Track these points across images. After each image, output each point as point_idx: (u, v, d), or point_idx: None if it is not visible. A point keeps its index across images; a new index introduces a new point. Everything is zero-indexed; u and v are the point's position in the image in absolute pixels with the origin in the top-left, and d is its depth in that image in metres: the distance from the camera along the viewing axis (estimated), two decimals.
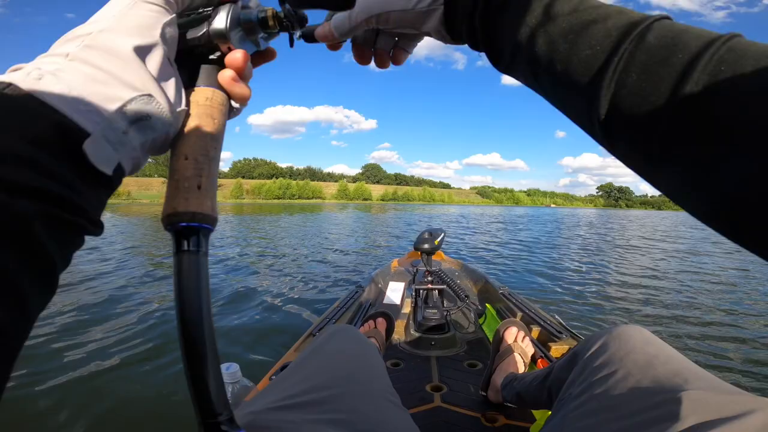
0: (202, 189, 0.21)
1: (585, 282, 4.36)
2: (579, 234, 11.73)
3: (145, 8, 0.22)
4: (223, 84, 0.26)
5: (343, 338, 0.60)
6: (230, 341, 2.25)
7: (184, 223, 0.20)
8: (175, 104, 0.22)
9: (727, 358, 2.14)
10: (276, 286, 3.70)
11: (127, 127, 0.19)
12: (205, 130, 0.23)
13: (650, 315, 3.03)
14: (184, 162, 0.22)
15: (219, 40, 0.25)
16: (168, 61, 0.23)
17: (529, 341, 1.06)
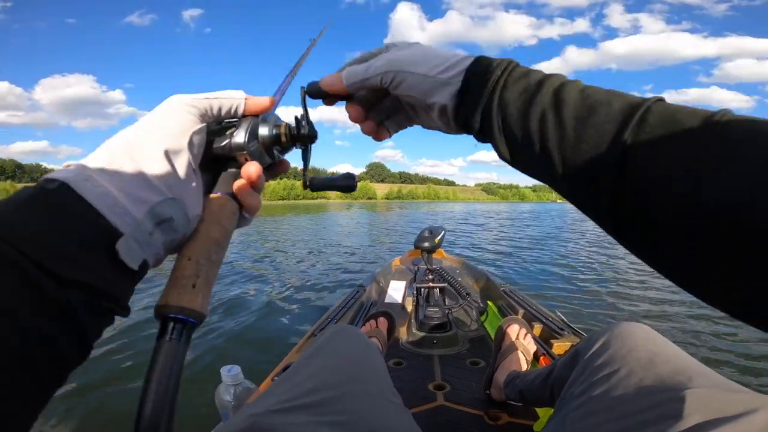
0: (196, 288, 0.23)
1: (589, 277, 4.35)
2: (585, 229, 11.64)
3: (180, 117, 0.25)
4: (236, 192, 0.27)
5: (344, 339, 0.60)
6: (233, 342, 2.26)
7: (172, 314, 0.22)
8: (193, 209, 0.24)
9: (733, 353, 2.11)
10: (279, 287, 3.72)
11: (153, 228, 0.21)
12: (212, 235, 0.25)
13: (654, 310, 3.01)
14: (186, 262, 0.24)
15: (238, 152, 0.28)
16: (192, 167, 0.25)
17: (531, 338, 1.06)
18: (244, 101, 0.28)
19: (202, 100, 0.26)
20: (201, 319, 0.23)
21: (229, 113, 0.28)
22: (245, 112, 0.29)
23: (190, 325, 0.22)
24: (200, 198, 0.25)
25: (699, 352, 2.14)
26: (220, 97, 0.27)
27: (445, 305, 1.46)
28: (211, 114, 0.27)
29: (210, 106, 0.27)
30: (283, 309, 2.97)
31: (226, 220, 0.26)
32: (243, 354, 2.09)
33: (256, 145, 0.29)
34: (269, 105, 0.30)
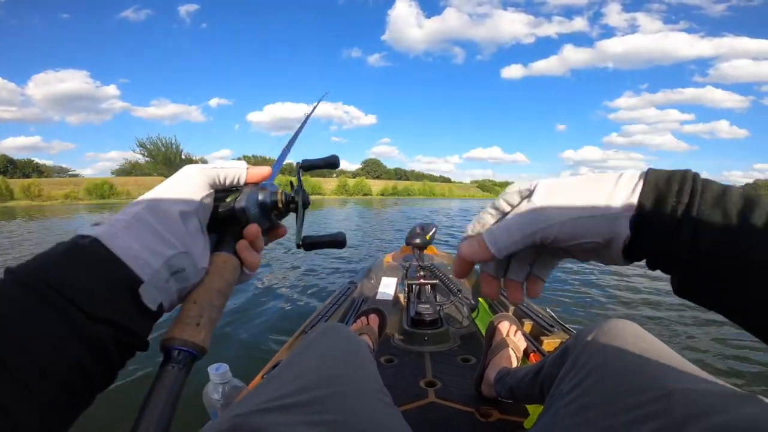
0: (200, 326, 0.27)
1: (580, 274, 4.37)
2: None
3: (192, 183, 0.30)
4: (238, 251, 0.32)
5: (333, 337, 0.60)
6: (221, 341, 2.26)
7: (176, 346, 0.25)
8: (201, 262, 0.28)
9: (722, 355, 2.14)
10: (269, 284, 3.71)
11: (168, 277, 0.25)
12: (215, 285, 0.29)
13: (644, 309, 3.03)
14: (192, 305, 0.27)
15: (240, 215, 0.32)
16: (200, 226, 0.29)
17: (521, 335, 1.06)
18: (245, 171, 0.33)
19: (211, 169, 0.31)
20: (202, 352, 0.26)
21: (233, 182, 0.32)
22: (247, 180, 0.33)
23: (192, 356, 0.25)
24: (207, 253, 0.30)
25: (686, 352, 2.16)
26: (226, 167, 0.32)
27: (436, 302, 1.46)
28: (219, 182, 0.31)
29: (217, 175, 0.31)
30: (274, 306, 2.96)
31: (228, 274, 0.30)
32: (232, 352, 2.08)
33: (256, 209, 0.33)
34: (268, 175, 0.34)
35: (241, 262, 0.32)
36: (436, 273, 1.59)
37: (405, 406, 0.93)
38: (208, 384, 0.89)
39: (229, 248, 0.32)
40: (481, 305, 1.58)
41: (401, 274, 1.77)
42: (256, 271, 0.34)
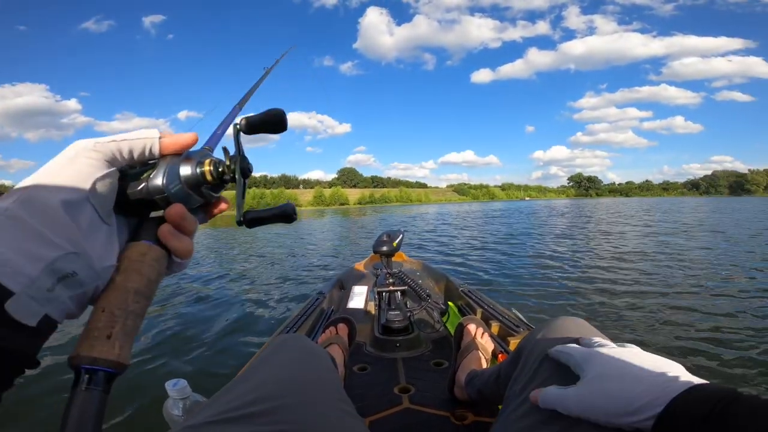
0: (111, 338, 0.23)
1: (547, 271, 4.50)
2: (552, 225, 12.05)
3: (80, 164, 0.24)
4: (161, 238, 0.26)
5: (290, 348, 0.59)
6: (184, 354, 2.20)
7: (84, 365, 0.22)
8: (102, 260, 0.24)
9: (685, 351, 2.17)
10: (238, 298, 3.64)
11: (53, 284, 0.21)
12: (129, 285, 0.24)
13: (609, 303, 3.11)
14: (99, 314, 0.23)
15: (157, 195, 0.26)
16: (98, 216, 0.24)
17: (488, 337, 1.08)
18: (158, 140, 0.27)
19: (107, 143, 0.25)
20: (119, 368, 0.23)
21: (143, 155, 0.27)
22: (162, 151, 0.27)
23: (108, 374, 0.22)
24: (113, 248, 0.25)
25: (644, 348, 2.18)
26: (128, 139, 0.26)
27: (406, 308, 1.47)
28: (122, 157, 0.26)
29: (118, 149, 0.25)
30: (243, 321, 2.90)
31: (147, 269, 0.25)
32: (198, 368, 2.02)
33: (178, 186, 0.27)
34: (191, 141, 0.28)
35: (168, 250, 0.27)
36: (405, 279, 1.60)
37: (380, 414, 0.93)
38: (168, 400, 0.86)
39: (149, 236, 0.26)
40: (450, 309, 1.60)
41: (371, 282, 1.77)
42: (190, 258, 0.29)
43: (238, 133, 0.32)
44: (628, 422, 0.35)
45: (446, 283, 1.87)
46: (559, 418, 0.42)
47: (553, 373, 0.49)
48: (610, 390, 0.37)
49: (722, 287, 3.51)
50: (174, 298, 3.82)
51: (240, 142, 0.32)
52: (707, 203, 33.85)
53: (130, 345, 0.24)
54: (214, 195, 0.31)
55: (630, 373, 0.38)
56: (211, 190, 0.30)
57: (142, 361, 2.14)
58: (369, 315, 1.56)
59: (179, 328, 2.77)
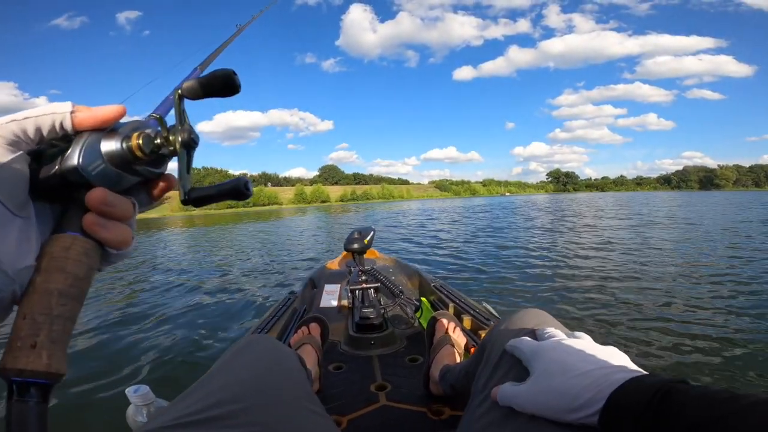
0: (36, 348, 0.21)
1: (518, 264, 4.60)
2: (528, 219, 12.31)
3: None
4: (86, 229, 0.23)
5: (255, 349, 0.58)
6: (147, 359, 2.14)
7: (13, 378, 0.20)
8: (16, 260, 0.20)
9: (642, 342, 2.22)
10: (207, 300, 3.56)
11: None
12: (51, 286, 0.22)
13: (578, 296, 3.18)
14: (21, 321, 0.21)
15: (75, 178, 0.22)
16: (6, 211, 0.20)
17: (460, 331, 1.09)
18: (69, 115, 0.23)
19: (5, 124, 0.21)
20: (50, 378, 0.21)
21: (54, 133, 0.23)
22: (77, 127, 0.23)
23: (39, 385, 0.20)
24: (30, 244, 0.22)
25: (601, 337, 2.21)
26: (32, 116, 0.22)
27: (380, 305, 1.47)
28: (28, 138, 0.22)
29: (22, 129, 0.21)
30: (213, 322, 2.84)
31: (72, 264, 0.22)
32: (163, 373, 1.98)
33: (100, 164, 0.23)
34: (114, 114, 0.24)
35: (98, 241, 0.24)
36: (377, 276, 1.60)
37: (357, 412, 0.93)
38: (130, 407, 0.84)
39: (73, 226, 0.23)
40: (424, 305, 1.61)
41: (344, 280, 1.77)
42: (128, 247, 0.25)
43: (180, 99, 0.27)
44: (575, 418, 0.35)
45: (419, 278, 1.89)
46: (520, 413, 0.42)
47: (512, 368, 0.49)
48: (555, 386, 0.38)
49: (685, 276, 3.67)
50: (137, 297, 3.74)
51: (183, 109, 0.27)
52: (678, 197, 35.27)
53: (62, 352, 0.22)
54: (155, 171, 0.26)
55: (573, 368, 0.38)
56: (150, 166, 0.26)
57: (100, 368, 2.07)
58: (342, 313, 1.55)
59: (142, 332, 2.70)
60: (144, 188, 0.27)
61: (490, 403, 0.48)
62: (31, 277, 0.22)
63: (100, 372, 2.00)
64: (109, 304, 3.58)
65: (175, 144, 0.25)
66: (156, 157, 0.25)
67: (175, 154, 0.26)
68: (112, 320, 2.96)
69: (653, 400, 0.30)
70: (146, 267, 6.02)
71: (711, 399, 0.28)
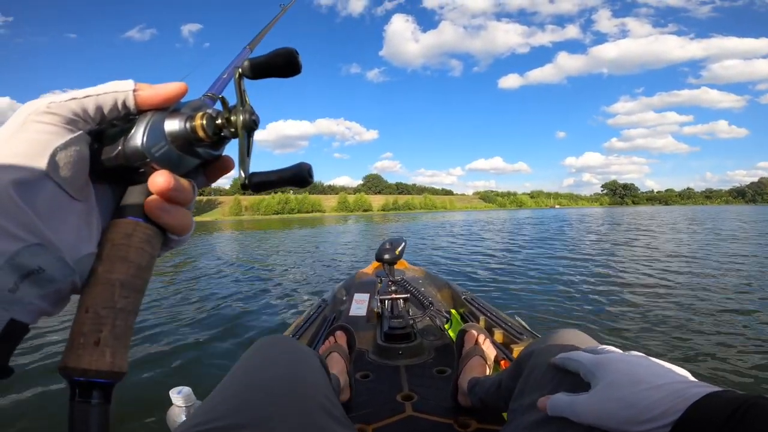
0: (100, 345, 0.20)
1: (551, 282, 4.39)
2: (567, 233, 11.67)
3: (33, 131, 0.19)
4: (149, 214, 0.22)
5: (274, 351, 0.58)
6: (186, 361, 2.21)
7: (75, 377, 0.19)
8: (78, 249, 0.20)
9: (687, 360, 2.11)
10: (248, 302, 3.67)
11: (15, 283, 0.17)
12: (114, 276, 0.21)
13: (612, 316, 3.00)
14: (83, 315, 0.20)
15: (138, 160, 0.21)
16: (65, 196, 0.19)
17: (490, 343, 1.07)
18: (132, 93, 0.22)
19: (66, 102, 0.20)
20: (114, 377, 0.20)
21: (116, 111, 0.22)
22: (140, 106, 0.22)
23: (102, 386, 0.19)
24: (89, 231, 0.21)
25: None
26: (93, 94, 0.21)
27: (409, 315, 1.48)
28: (88, 116, 0.21)
29: (82, 108, 0.20)
30: (250, 325, 2.93)
31: (134, 253, 0.21)
32: (201, 374, 2.04)
33: (164, 146, 0.22)
34: (177, 92, 0.23)
35: (160, 227, 0.23)
36: (407, 287, 1.61)
37: (383, 422, 0.93)
38: (172, 408, 0.86)
39: (135, 211, 0.22)
40: (453, 317, 1.59)
41: (374, 290, 1.79)
42: (188, 234, 0.24)
43: (240, 78, 0.26)
44: (644, 429, 0.34)
45: (448, 290, 1.86)
46: (569, 427, 0.42)
47: (561, 383, 0.48)
48: (626, 397, 0.37)
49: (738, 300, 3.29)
50: (182, 296, 3.91)
51: (243, 89, 0.26)
52: (755, 212, 31.65)
53: (124, 350, 0.21)
54: (214, 153, 0.25)
55: (644, 381, 0.37)
56: (210, 148, 0.25)
57: (141, 367, 2.12)
58: (371, 323, 1.57)
59: (182, 331, 2.78)
60: (201, 171, 0.26)
61: (534, 419, 0.47)
62: (92, 266, 0.21)
63: (141, 369, 2.10)
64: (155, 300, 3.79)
65: (236, 125, 0.24)
66: (216, 139, 0.24)
67: (236, 136, 0.24)
68: (158, 317, 3.12)
69: (735, 415, 0.29)
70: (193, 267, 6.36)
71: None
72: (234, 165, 0.26)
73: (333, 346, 1.11)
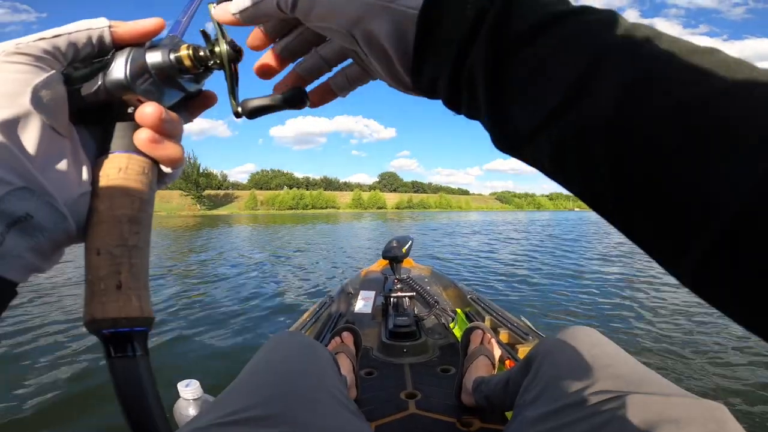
0: (123, 288, 0.18)
1: (558, 279, 4.40)
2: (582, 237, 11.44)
3: (7, 71, 0.17)
4: (141, 148, 0.21)
5: (288, 346, 0.59)
6: (195, 356, 2.23)
7: (107, 330, 0.18)
8: (70, 189, 0.18)
9: (691, 362, 2.09)
10: (256, 297, 3.71)
11: (1, 233, 0.16)
12: (118, 212, 0.19)
13: (619, 314, 3.01)
14: (96, 258, 0.19)
15: (123, 93, 0.20)
16: (53, 133, 0.18)
17: (495, 343, 1.07)
18: (107, 29, 0.21)
19: (35, 42, 0.19)
20: (148, 323, 0.19)
21: (90, 47, 0.20)
22: (117, 42, 0.21)
23: (137, 334, 0.18)
24: (80, 171, 0.19)
25: (657, 359, 2.12)
26: (65, 32, 0.19)
27: (414, 314, 1.48)
28: (62, 55, 0.19)
29: (54, 46, 0.19)
30: (256, 320, 2.96)
31: (136, 186, 0.20)
32: (208, 367, 2.06)
33: (148, 78, 0.21)
34: (155, 27, 0.22)
35: (152, 159, 0.22)
36: (413, 285, 1.61)
37: (385, 419, 0.93)
38: (179, 401, 0.86)
39: (124, 145, 0.21)
40: (458, 316, 1.59)
41: (379, 287, 1.80)
42: (180, 166, 0.23)
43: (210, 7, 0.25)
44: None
45: (454, 290, 1.86)
46: (571, 423, 0.42)
47: (569, 384, 0.48)
48: None
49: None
50: (193, 287, 3.98)
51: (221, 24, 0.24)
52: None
53: (147, 292, 0.20)
54: (196, 86, 0.24)
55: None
56: (193, 81, 0.24)
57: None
58: (376, 320, 1.58)
59: (185, 323, 2.80)
60: (183, 105, 0.25)
61: (538, 416, 0.48)
62: (91, 205, 0.19)
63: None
64: (163, 291, 3.85)
65: (221, 55, 0.23)
66: (201, 70, 0.23)
67: (222, 67, 0.23)
68: (157, 309, 3.17)
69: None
70: (201, 258, 6.49)
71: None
72: (216, 98, 0.26)
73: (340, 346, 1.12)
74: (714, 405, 0.37)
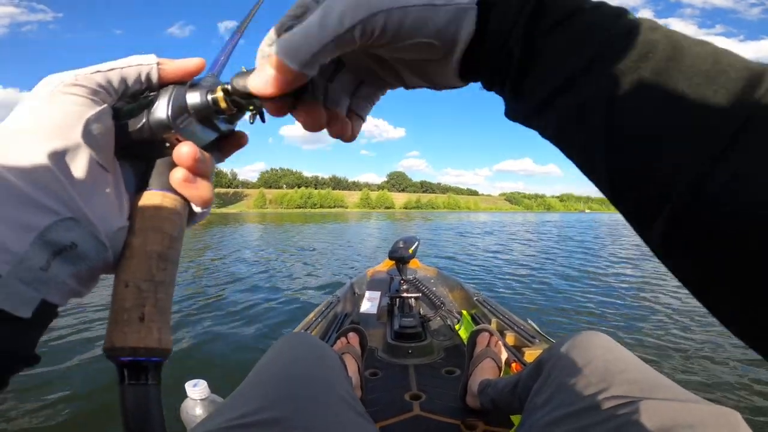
0: (145, 320, 0.19)
1: (565, 282, 4.38)
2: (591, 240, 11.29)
3: (63, 102, 0.18)
4: (175, 186, 0.22)
5: (296, 348, 0.60)
6: (201, 356, 2.22)
7: (125, 358, 0.19)
8: (111, 222, 0.19)
9: (697, 367, 2.07)
10: (261, 296, 3.72)
11: (47, 261, 0.16)
12: (150, 248, 0.20)
13: (627, 318, 2.98)
14: (123, 290, 0.19)
15: (164, 132, 0.21)
16: (98, 167, 0.19)
17: (501, 346, 1.06)
18: (156, 66, 0.22)
19: (92, 74, 0.20)
20: (164, 354, 0.20)
21: (139, 84, 0.22)
22: (163, 79, 0.22)
23: (154, 364, 0.19)
24: (121, 204, 0.20)
25: (667, 364, 2.10)
26: (118, 67, 0.21)
27: (420, 315, 1.48)
28: (113, 90, 0.21)
29: (107, 80, 0.20)
30: (262, 319, 2.97)
31: (168, 224, 0.21)
32: (213, 367, 2.06)
33: (187, 118, 0.22)
34: (197, 67, 0.23)
35: (184, 198, 0.23)
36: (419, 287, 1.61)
37: (389, 420, 0.93)
38: (186, 401, 0.86)
39: (160, 183, 0.22)
40: (464, 317, 1.58)
41: (385, 288, 1.80)
42: (209, 207, 0.24)
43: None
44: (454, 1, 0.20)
45: (460, 291, 1.85)
46: (582, 428, 0.42)
47: (582, 388, 0.48)
48: None
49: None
50: (202, 287, 4.01)
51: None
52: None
53: (168, 325, 0.20)
54: (230, 126, 0.25)
55: None
56: (227, 122, 0.24)
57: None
58: (382, 321, 1.58)
59: (191, 322, 2.81)
60: (217, 145, 0.25)
61: (550, 420, 0.47)
62: (126, 239, 0.20)
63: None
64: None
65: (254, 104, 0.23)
66: (236, 111, 0.24)
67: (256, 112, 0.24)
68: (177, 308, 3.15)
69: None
70: (208, 257, 6.52)
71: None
72: (247, 140, 0.27)
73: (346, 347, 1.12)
74: (727, 411, 0.38)
